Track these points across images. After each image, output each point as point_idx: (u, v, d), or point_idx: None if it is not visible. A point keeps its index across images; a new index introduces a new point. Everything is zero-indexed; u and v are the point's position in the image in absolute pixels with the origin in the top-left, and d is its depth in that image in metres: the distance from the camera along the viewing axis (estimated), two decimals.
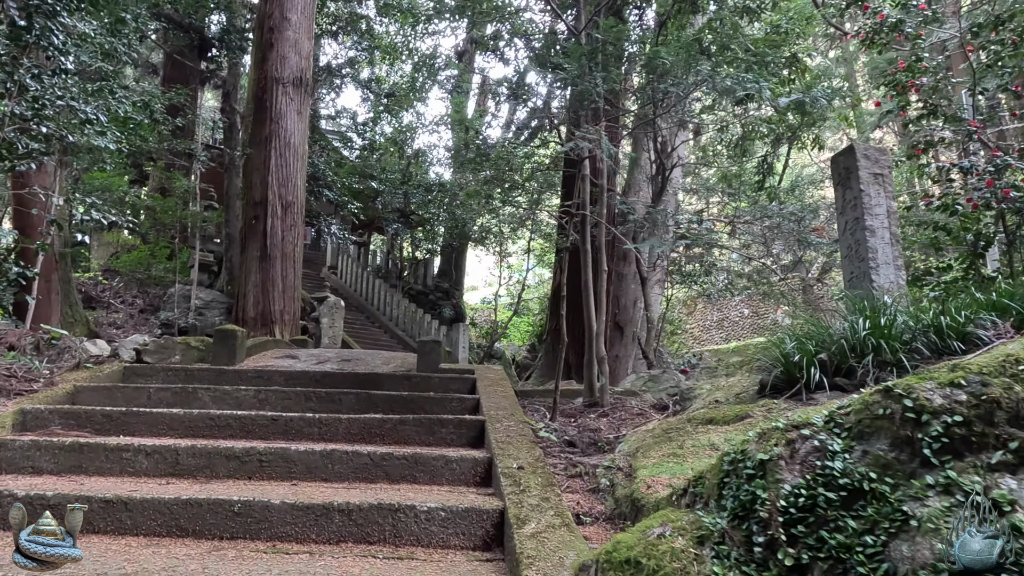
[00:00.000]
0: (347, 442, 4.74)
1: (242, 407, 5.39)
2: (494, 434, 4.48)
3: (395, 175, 18.94)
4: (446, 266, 21.92)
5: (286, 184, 13.46)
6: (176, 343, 6.64)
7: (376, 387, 6.08)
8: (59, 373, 5.75)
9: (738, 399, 4.52)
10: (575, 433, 5.09)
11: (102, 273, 15.70)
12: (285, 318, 13.01)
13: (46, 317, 11.47)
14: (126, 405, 5.31)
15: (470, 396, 5.73)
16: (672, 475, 3.03)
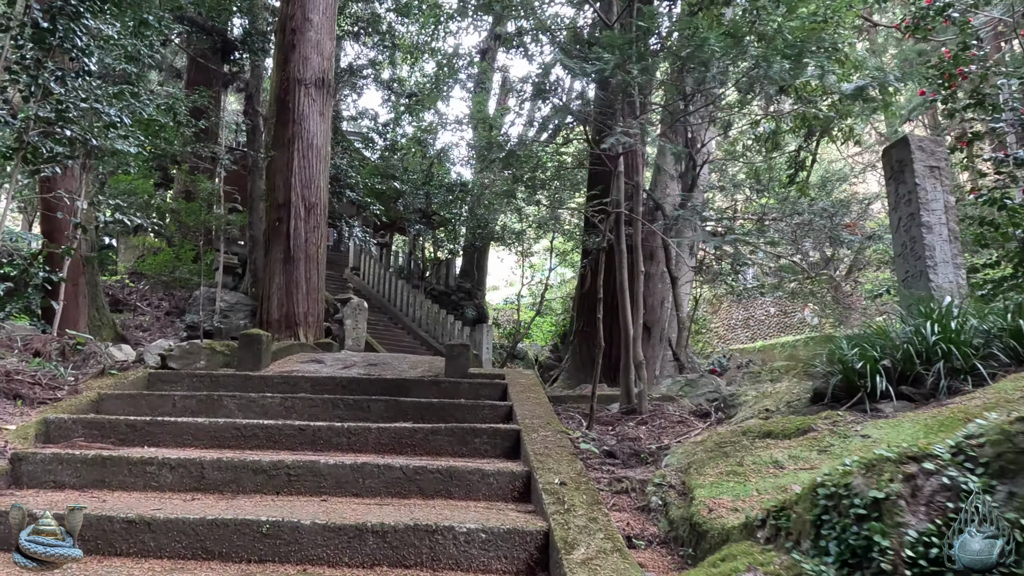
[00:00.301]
0: (377, 453, 4.53)
1: (268, 415, 5.20)
2: (531, 445, 4.23)
3: (417, 176, 18.78)
4: (468, 266, 21.73)
5: (309, 186, 13.34)
6: (201, 348, 6.49)
7: (405, 393, 5.87)
8: (83, 380, 5.62)
9: (791, 408, 4.22)
10: (614, 443, 4.81)
11: (129, 276, 15.74)
12: (309, 320, 12.89)
13: (74, 321, 11.47)
14: (151, 413, 5.15)
15: (502, 403, 5.48)
16: (735, 496, 2.75)
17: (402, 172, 18.59)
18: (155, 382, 5.85)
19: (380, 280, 18.91)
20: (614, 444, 4.80)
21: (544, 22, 10.08)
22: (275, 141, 13.59)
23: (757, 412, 4.34)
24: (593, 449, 4.43)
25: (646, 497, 3.45)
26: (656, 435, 5.04)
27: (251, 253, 14.90)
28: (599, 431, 5.19)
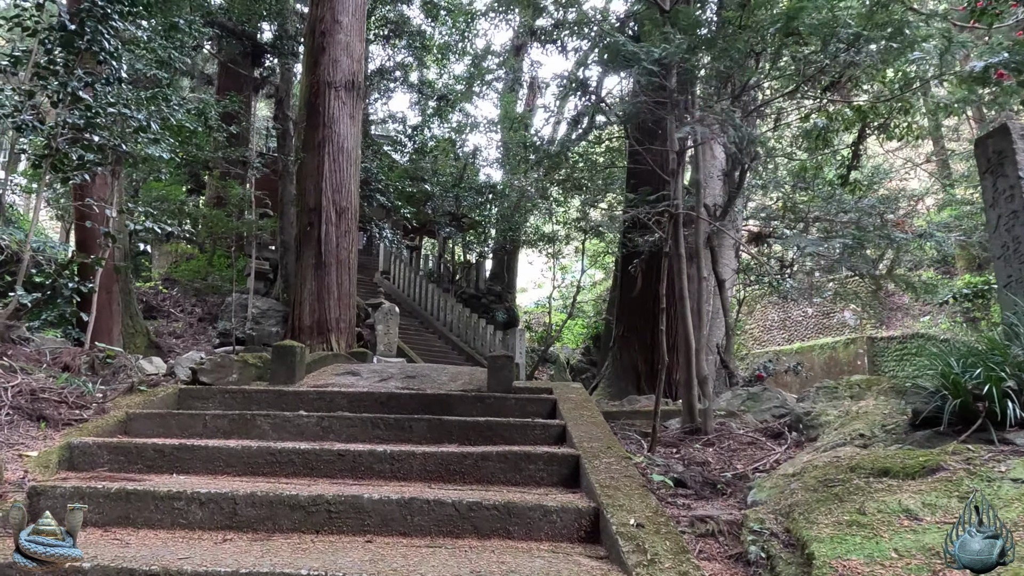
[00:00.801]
0: (423, 481, 4.09)
1: (305, 437, 4.80)
2: (594, 474, 3.76)
3: (446, 178, 18.42)
4: (498, 269, 21.31)
5: (340, 190, 13.03)
6: (233, 361, 6.15)
7: (447, 411, 5.43)
8: (112, 398, 5.29)
9: (891, 434, 3.67)
10: (681, 468, 4.31)
11: (162, 282, 15.62)
12: (341, 326, 12.57)
13: (108, 329, 11.29)
14: (180, 434, 4.79)
15: (553, 422, 5.01)
16: (868, 558, 2.25)
17: (431, 175, 18.24)
18: (185, 399, 5.50)
19: (410, 284, 18.58)
20: (682, 470, 4.30)
21: (585, 14, 9.58)
22: (305, 145, 13.32)
23: (849, 437, 3.80)
24: (667, 482, 3.93)
25: (739, 544, 2.95)
26: (727, 459, 4.53)
27: (282, 258, 14.67)
28: (662, 454, 4.69)
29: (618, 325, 10.82)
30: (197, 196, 18.29)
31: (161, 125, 10.32)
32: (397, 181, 16.66)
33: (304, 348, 6.52)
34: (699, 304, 5.85)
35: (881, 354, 21.05)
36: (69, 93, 6.23)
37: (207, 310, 14.88)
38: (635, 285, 10.67)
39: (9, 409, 4.47)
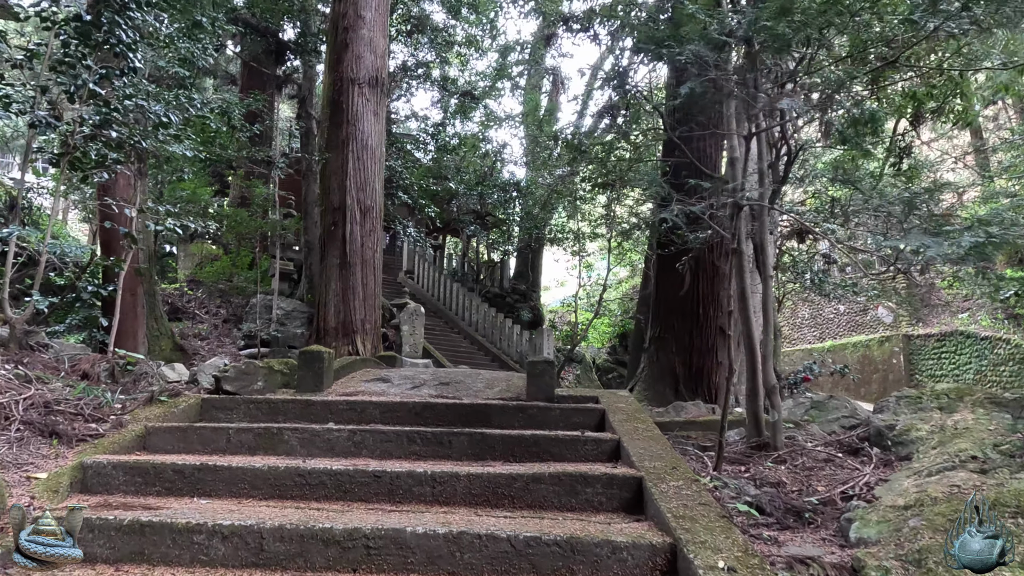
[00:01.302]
0: (468, 506, 3.63)
1: (335, 452, 4.37)
2: (663, 501, 3.27)
3: (470, 176, 17.98)
4: (522, 267, 20.83)
5: (364, 188, 12.66)
6: (258, 368, 5.75)
7: (487, 422, 4.98)
8: (131, 409, 4.90)
9: (1010, 458, 3.13)
10: (755, 491, 3.80)
11: (187, 284, 15.39)
12: (367, 327, 12.20)
13: (133, 331, 11.03)
14: (202, 450, 4.38)
15: (605, 436, 4.52)
16: None
17: (455, 173, 17.82)
18: (208, 409, 5.10)
19: (435, 283, 18.18)
20: (756, 493, 3.79)
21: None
22: (329, 143, 12.97)
23: (957, 460, 3.27)
24: (752, 511, 3.42)
25: None
26: (803, 479, 4.00)
27: (306, 259, 14.34)
28: (730, 472, 4.18)
29: (654, 325, 10.28)
30: (222, 197, 18.07)
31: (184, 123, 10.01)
32: (421, 179, 16.26)
33: (331, 354, 6.10)
34: (766, 304, 5.31)
35: (918, 352, 20.21)
36: (85, 87, 5.87)
37: (232, 311, 14.60)
38: (672, 284, 10.13)
39: (20, 424, 4.10)
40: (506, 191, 18.78)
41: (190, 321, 14.22)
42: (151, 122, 7.00)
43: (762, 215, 5.33)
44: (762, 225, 5.41)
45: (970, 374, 18.45)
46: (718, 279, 10.25)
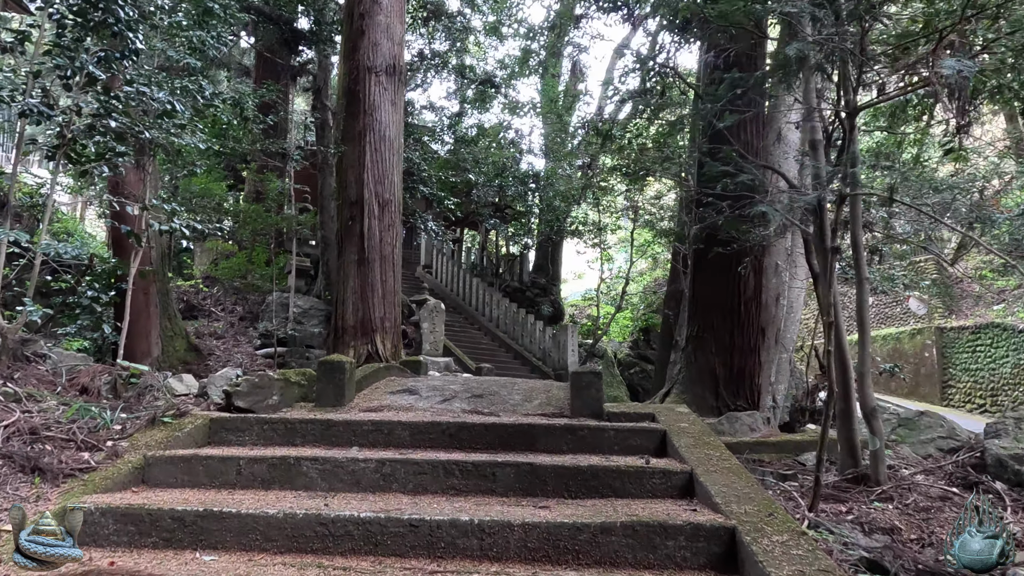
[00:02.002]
0: (525, 563, 2.95)
1: (361, 487, 3.72)
2: (772, 566, 2.57)
3: (488, 167, 17.26)
4: (542, 261, 20.11)
5: (382, 181, 12.00)
6: (273, 380, 5.12)
7: (532, 446, 4.30)
8: (131, 432, 4.28)
9: None
10: (866, 540, 3.10)
11: (203, 280, 14.84)
12: (386, 325, 11.58)
13: (146, 332, 10.46)
14: (209, 484, 3.75)
15: (674, 467, 3.82)
16: None
17: (474, 164, 17.11)
18: (217, 431, 4.47)
19: (454, 278, 17.52)
20: (867, 542, 3.08)
21: None
22: (345, 135, 12.30)
23: None
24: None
25: None
26: (921, 525, 3.29)
27: (323, 255, 13.73)
28: (828, 513, 3.47)
29: (691, 324, 9.54)
30: (237, 191, 17.50)
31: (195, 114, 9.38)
32: (440, 171, 15.57)
33: (352, 363, 5.44)
34: (861, 310, 4.57)
35: (951, 345, 19.28)
36: (82, 71, 5.22)
37: (248, 309, 14.04)
38: (712, 280, 9.39)
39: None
40: (525, 182, 18.06)
41: (206, 319, 13.69)
42: (155, 111, 6.36)
43: (855, 205, 4.58)
44: (855, 218, 4.65)
45: (1007, 368, 17.54)
46: (761, 275, 9.49)
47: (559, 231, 18.34)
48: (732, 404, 8.97)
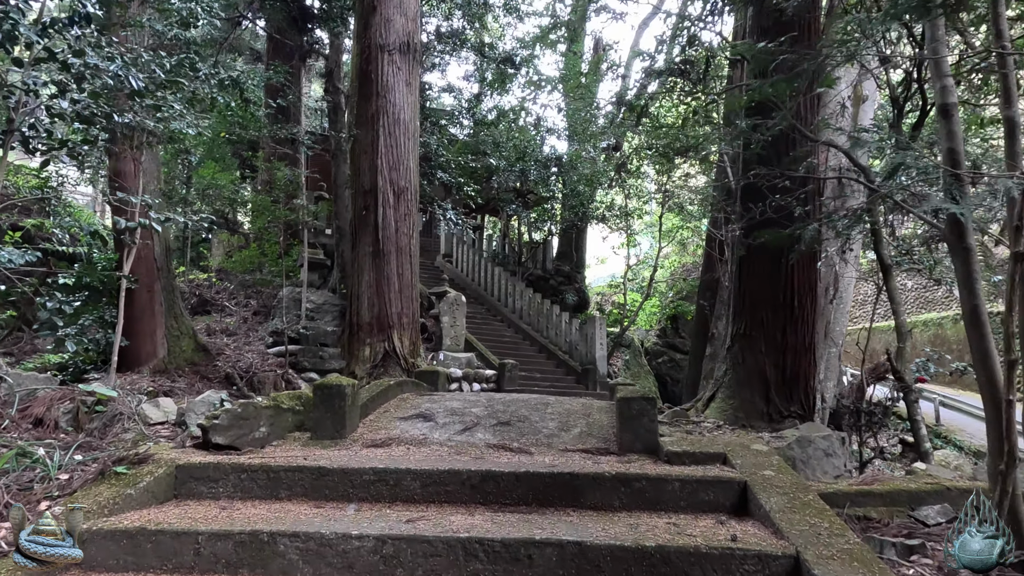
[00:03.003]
0: None
1: (355, 572, 2.74)
2: None
3: (509, 151, 16.12)
4: (565, 247, 18.99)
5: (397, 167, 10.98)
6: (260, 408, 4.17)
7: (576, 501, 3.29)
8: (74, 489, 3.35)
9: None
10: None
11: (216, 274, 14.03)
12: (404, 321, 10.64)
13: (150, 331, 9.63)
14: (158, 569, 2.80)
15: (768, 546, 2.77)
16: None
17: (494, 148, 15.99)
18: (185, 481, 3.51)
19: (475, 267, 16.50)
20: None
21: None
22: (358, 119, 11.28)
23: None
24: None
25: None
26: None
27: (338, 246, 12.79)
28: None
29: (737, 320, 8.40)
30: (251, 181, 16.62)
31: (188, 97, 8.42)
32: (459, 156, 14.48)
33: (355, 387, 4.46)
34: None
35: (1000, 331, 17.77)
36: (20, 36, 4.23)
37: (263, 303, 13.20)
38: (761, 271, 8.24)
39: None
40: (548, 166, 16.91)
41: (219, 314, 12.88)
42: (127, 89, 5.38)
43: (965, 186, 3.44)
44: (964, 198, 3.49)
45: None
46: (815, 264, 8.33)
47: (583, 216, 17.19)
48: (785, 410, 7.88)
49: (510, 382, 11.52)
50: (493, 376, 11.67)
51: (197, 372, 9.69)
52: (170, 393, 8.17)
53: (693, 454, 3.77)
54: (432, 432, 4.35)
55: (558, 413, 4.72)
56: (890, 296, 7.09)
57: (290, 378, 9.99)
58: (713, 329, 12.13)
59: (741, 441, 4.00)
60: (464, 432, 4.33)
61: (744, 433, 5.78)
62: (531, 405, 4.92)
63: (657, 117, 9.53)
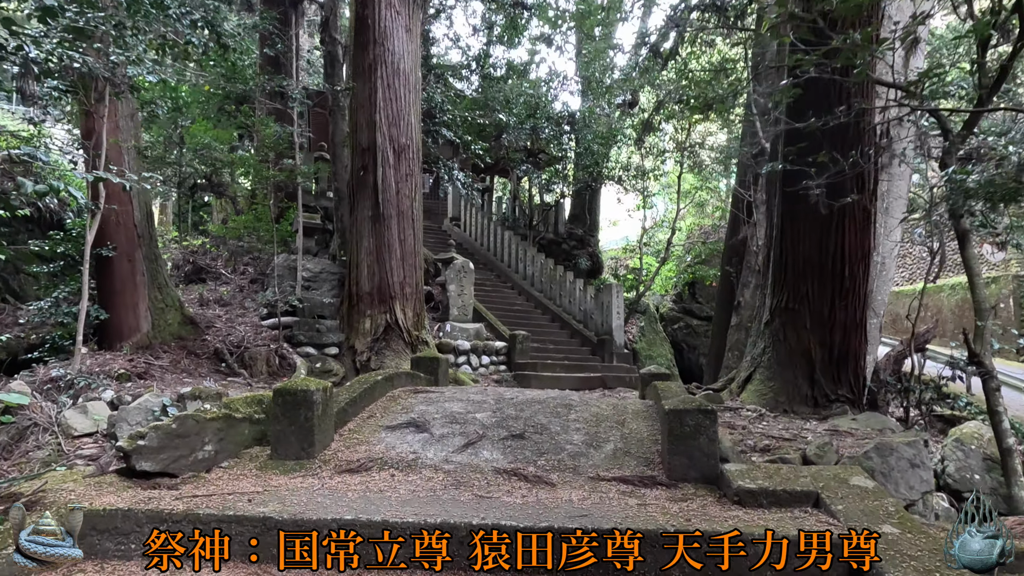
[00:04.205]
0: None
1: None
2: None
3: (520, 107, 14.73)
4: (578, 209, 17.72)
5: (397, 123, 9.75)
6: (206, 421, 3.16)
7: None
8: None
9: None
10: None
11: (211, 240, 12.99)
12: (406, 291, 9.58)
13: (132, 303, 8.65)
14: None
15: None
16: None
17: (503, 104, 14.60)
18: (85, 536, 2.50)
19: (483, 231, 15.33)
20: None
21: None
22: (355, 70, 10.00)
23: None
24: None
25: None
26: None
27: (337, 209, 11.68)
28: None
29: (777, 291, 7.26)
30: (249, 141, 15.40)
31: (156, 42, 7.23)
32: (466, 112, 13.15)
33: (327, 390, 3.42)
34: None
35: None
36: None
37: (260, 270, 12.17)
38: (805, 236, 7.07)
39: None
40: (560, 124, 15.52)
41: (214, 282, 11.89)
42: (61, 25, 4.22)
43: None
44: None
45: None
46: (871, 227, 7.15)
47: (598, 177, 15.88)
48: (832, 393, 6.81)
49: (521, 354, 10.52)
50: (503, 348, 10.67)
51: (184, 347, 8.73)
52: (145, 375, 7.21)
53: (773, 492, 2.71)
54: (425, 449, 3.31)
55: (584, 420, 3.66)
56: (967, 266, 5.86)
57: (284, 353, 9.02)
58: (739, 297, 11.00)
59: (836, 475, 2.92)
60: (466, 449, 3.30)
61: (795, 421, 4.70)
62: (550, 408, 3.86)
63: (686, 62, 8.21)
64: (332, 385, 3.42)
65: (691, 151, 13.56)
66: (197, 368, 8.24)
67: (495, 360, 10.54)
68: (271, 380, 8.55)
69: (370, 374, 4.22)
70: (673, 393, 3.52)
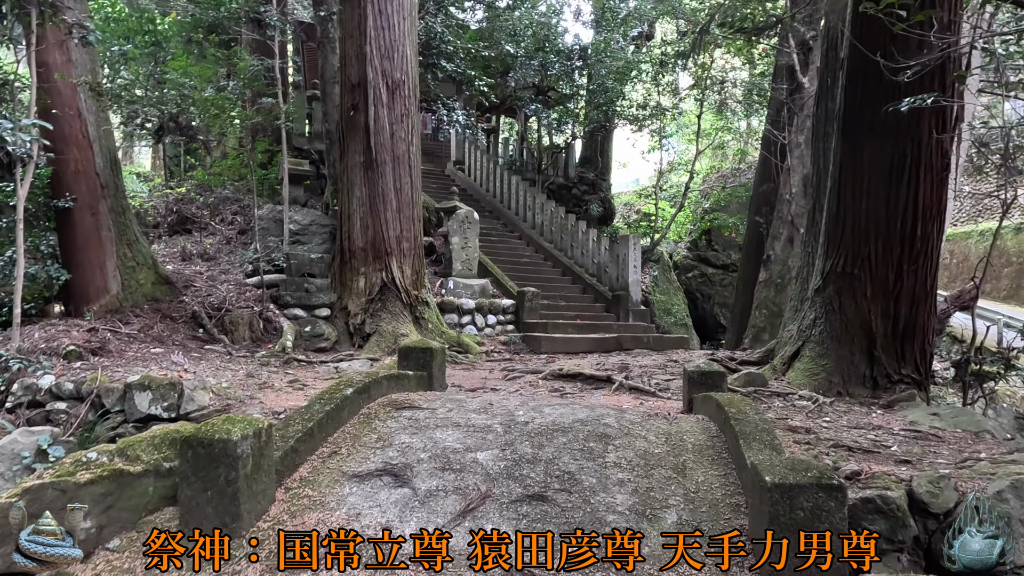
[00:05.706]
0: None
1: None
2: None
3: (528, 40, 12.98)
4: (589, 152, 16.17)
5: (391, 55, 8.27)
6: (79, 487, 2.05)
7: None
8: None
9: None
10: None
11: (196, 188, 11.69)
12: (404, 246, 8.39)
13: (99, 262, 7.50)
14: None
15: None
16: None
17: (510, 36, 12.85)
18: None
19: (489, 176, 13.90)
20: None
21: None
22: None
23: None
24: None
25: None
26: None
27: (328, 154, 10.31)
28: None
29: (831, 252, 5.98)
30: None
31: None
32: (470, 44, 11.48)
33: (260, 433, 2.27)
34: None
35: None
36: None
37: (248, 221, 10.93)
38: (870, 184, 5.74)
39: None
40: (571, 58, 13.78)
41: (200, 233, 10.70)
42: None
43: None
44: None
45: None
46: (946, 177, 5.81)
47: (611, 116, 14.26)
48: (895, 373, 5.67)
49: (530, 313, 9.41)
50: (511, 307, 9.55)
51: (158, 311, 7.61)
52: (101, 351, 6.10)
53: None
54: (402, 518, 2.20)
55: (628, 463, 2.52)
56: None
57: (270, 316, 7.92)
58: (769, 251, 9.73)
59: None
60: (463, 519, 2.18)
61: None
62: (579, 442, 2.70)
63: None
64: (270, 426, 2.28)
65: (720, 86, 11.92)
66: (171, 335, 7.16)
67: (502, 319, 9.45)
68: (255, 347, 7.49)
69: (337, 384, 3.07)
70: (750, 422, 2.37)
